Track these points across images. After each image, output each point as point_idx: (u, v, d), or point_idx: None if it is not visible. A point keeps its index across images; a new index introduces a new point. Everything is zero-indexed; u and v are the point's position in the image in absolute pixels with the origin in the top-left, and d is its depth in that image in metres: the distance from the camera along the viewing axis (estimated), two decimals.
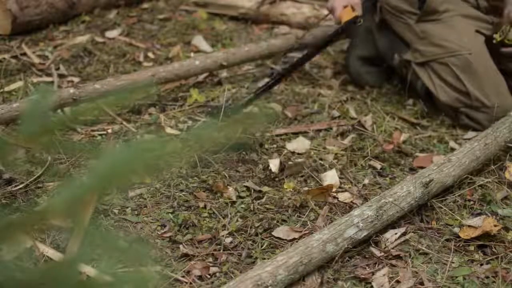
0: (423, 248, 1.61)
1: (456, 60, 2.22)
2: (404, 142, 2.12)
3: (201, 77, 2.46)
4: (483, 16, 2.31)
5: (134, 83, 2.17)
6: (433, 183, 1.70)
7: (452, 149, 2.06)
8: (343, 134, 2.12)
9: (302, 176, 1.89)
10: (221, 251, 1.60)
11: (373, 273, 1.53)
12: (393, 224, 1.67)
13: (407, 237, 1.65)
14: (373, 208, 1.59)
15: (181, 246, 1.61)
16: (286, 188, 1.83)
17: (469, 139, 2.11)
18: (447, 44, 2.25)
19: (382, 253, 1.59)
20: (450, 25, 2.28)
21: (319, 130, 2.15)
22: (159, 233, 1.65)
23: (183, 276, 1.50)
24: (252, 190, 1.82)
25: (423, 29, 2.31)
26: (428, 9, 2.31)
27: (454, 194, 1.82)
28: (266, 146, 2.04)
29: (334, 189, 1.81)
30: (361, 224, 1.54)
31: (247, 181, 1.86)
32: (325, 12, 2.97)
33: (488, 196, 1.80)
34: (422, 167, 1.95)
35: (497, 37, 2.17)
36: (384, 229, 1.66)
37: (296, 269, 1.40)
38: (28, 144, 0.76)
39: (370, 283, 1.50)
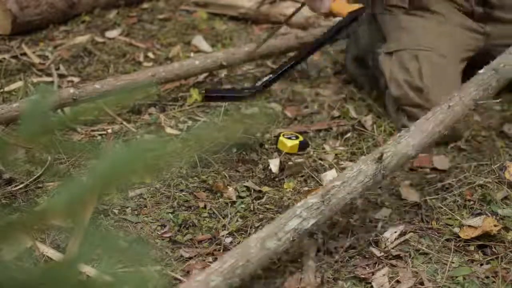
0: (423, 248, 1.61)
1: (427, 55, 2.11)
2: None
3: (201, 77, 2.46)
4: (475, 27, 2.20)
5: (134, 83, 2.17)
6: (389, 156, 1.58)
7: (453, 149, 2.06)
8: (343, 134, 2.12)
9: (302, 176, 1.89)
10: (221, 251, 1.60)
11: (373, 273, 1.53)
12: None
13: (407, 237, 1.65)
14: (318, 194, 1.49)
15: (181, 246, 1.61)
16: (286, 188, 1.83)
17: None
18: (425, 40, 2.16)
19: (382, 253, 1.59)
20: (434, 25, 2.19)
21: (319, 130, 2.15)
22: (159, 233, 1.65)
23: (183, 276, 1.50)
24: (252, 190, 1.82)
25: (407, 20, 2.22)
26: (418, 4, 2.23)
27: (454, 194, 1.82)
28: (266, 146, 2.04)
29: None
30: (304, 213, 1.44)
31: (247, 181, 1.86)
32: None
33: (488, 196, 1.80)
34: (422, 167, 1.95)
35: None
36: (384, 230, 1.66)
37: (233, 272, 1.31)
38: (28, 144, 0.75)
39: (370, 283, 1.50)
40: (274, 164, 1.91)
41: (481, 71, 1.86)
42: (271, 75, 1.84)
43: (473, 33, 2.19)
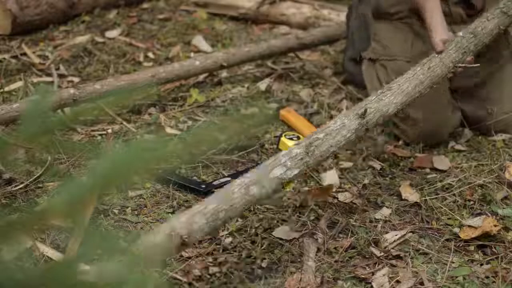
0: (423, 248, 1.61)
1: (394, 65, 2.09)
2: None
3: (201, 77, 2.46)
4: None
5: (134, 84, 2.17)
6: (371, 112, 1.60)
7: (453, 149, 2.06)
8: None
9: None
10: (221, 251, 1.60)
11: (373, 273, 1.53)
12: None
13: (407, 237, 1.65)
14: (302, 145, 1.50)
15: None
16: (286, 188, 1.83)
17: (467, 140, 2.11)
18: (390, 47, 2.14)
19: (382, 253, 1.59)
20: (399, 29, 2.14)
21: None
22: None
23: (183, 276, 1.50)
24: None
25: (376, 27, 2.21)
26: (380, 9, 2.19)
27: (454, 194, 1.82)
28: (266, 146, 2.04)
29: (334, 189, 1.81)
30: (289, 163, 1.45)
31: None
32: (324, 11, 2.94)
33: (488, 196, 1.80)
34: (422, 167, 1.95)
35: None
36: (384, 230, 1.66)
37: (216, 215, 1.31)
38: (28, 144, 0.75)
39: (370, 283, 1.50)
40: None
41: (459, 33, 1.85)
42: (229, 179, 1.86)
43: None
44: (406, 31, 2.13)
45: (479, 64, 1.83)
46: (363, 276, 1.51)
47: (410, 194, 1.80)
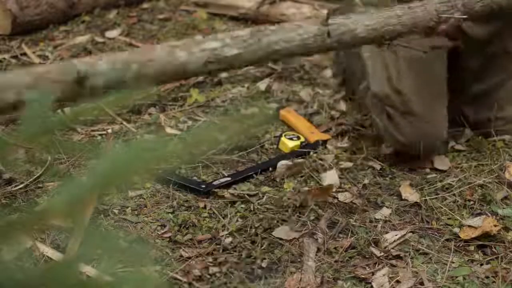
0: (423, 248, 1.61)
1: (406, 53, 1.92)
2: None
3: (201, 77, 2.45)
4: None
5: None
6: (336, 24, 1.46)
7: (453, 149, 2.05)
8: (342, 134, 2.12)
9: (302, 176, 1.89)
10: (221, 251, 1.60)
11: (373, 273, 1.53)
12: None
13: (407, 237, 1.65)
14: (250, 30, 1.41)
15: (181, 246, 1.61)
16: (286, 188, 1.83)
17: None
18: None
19: (382, 253, 1.59)
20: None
21: None
22: (159, 233, 1.65)
23: (182, 276, 1.50)
24: (252, 190, 1.82)
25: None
26: None
27: (454, 194, 1.82)
28: (266, 146, 2.04)
29: (334, 189, 1.81)
30: (229, 41, 1.36)
31: (247, 181, 1.86)
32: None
33: (488, 196, 1.80)
34: (422, 167, 1.95)
35: None
36: (384, 230, 1.66)
37: (127, 65, 1.21)
38: (28, 144, 0.76)
39: (370, 283, 1.50)
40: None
41: None
42: (229, 178, 1.85)
43: None
44: None
45: (466, 16, 1.69)
46: (363, 276, 1.51)
47: (410, 194, 1.80)
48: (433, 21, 1.64)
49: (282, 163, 1.89)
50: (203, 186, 1.80)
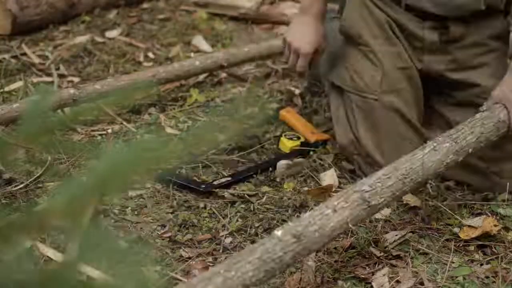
0: (423, 248, 1.61)
1: (360, 102, 1.85)
2: None
3: (201, 77, 2.46)
4: (413, 57, 1.86)
5: (134, 83, 2.17)
6: None
7: None
8: None
9: (302, 176, 1.89)
10: (221, 251, 1.60)
11: (373, 273, 1.53)
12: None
13: (407, 237, 1.65)
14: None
15: (181, 246, 1.61)
16: (286, 188, 1.83)
17: None
18: (357, 79, 1.87)
19: (382, 253, 1.59)
20: (368, 56, 1.87)
21: None
22: (159, 233, 1.65)
23: (183, 276, 1.50)
24: (252, 190, 1.82)
25: (346, 49, 1.95)
26: (343, 29, 1.95)
27: (454, 194, 1.82)
28: (266, 146, 2.05)
29: (333, 189, 1.81)
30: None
31: (247, 181, 1.86)
32: None
33: (489, 195, 1.79)
34: None
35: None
36: (384, 230, 1.66)
37: None
38: (28, 144, 0.75)
39: (370, 283, 1.50)
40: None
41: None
42: (229, 178, 1.85)
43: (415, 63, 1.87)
44: (376, 59, 1.86)
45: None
46: (363, 276, 1.51)
47: (410, 198, 1.80)
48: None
49: (282, 163, 1.89)
50: (203, 186, 1.80)
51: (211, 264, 1.54)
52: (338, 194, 1.37)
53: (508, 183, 1.77)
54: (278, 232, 1.23)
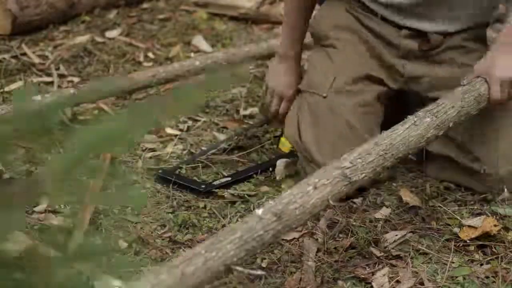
0: (423, 248, 1.61)
1: (309, 97, 1.85)
2: None
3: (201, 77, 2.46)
4: (393, 62, 1.84)
5: (135, 84, 2.17)
6: None
7: None
8: None
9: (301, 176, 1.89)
10: None
11: (373, 273, 1.53)
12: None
13: (407, 237, 1.65)
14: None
15: (181, 246, 1.61)
16: (285, 188, 1.83)
17: None
18: (311, 76, 1.89)
19: (382, 253, 1.59)
20: (329, 56, 1.88)
21: None
22: (159, 233, 1.65)
23: None
24: (252, 190, 1.82)
25: (312, 51, 2.02)
26: (311, 30, 1.97)
27: (454, 194, 1.82)
28: (266, 146, 2.04)
29: None
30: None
31: (247, 181, 1.86)
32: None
33: (488, 196, 1.79)
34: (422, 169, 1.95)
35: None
36: (384, 230, 1.66)
37: None
38: (28, 144, 0.76)
39: (370, 283, 1.50)
40: (278, 165, 1.91)
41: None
42: (229, 178, 1.85)
43: (387, 70, 1.86)
44: (338, 59, 1.86)
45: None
46: (363, 276, 1.51)
47: (410, 198, 1.79)
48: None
49: (281, 162, 1.90)
50: (203, 186, 1.80)
51: None
52: (318, 171, 1.36)
53: (505, 184, 1.77)
54: (258, 211, 1.22)
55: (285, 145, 2.00)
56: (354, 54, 1.86)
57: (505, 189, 1.77)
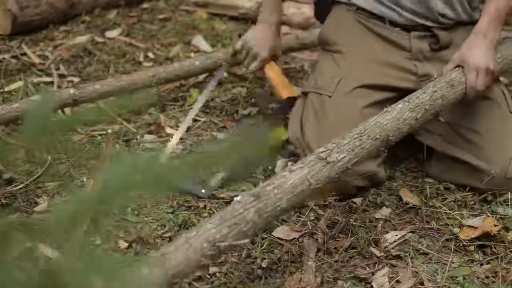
0: (423, 248, 1.61)
1: (315, 98, 1.87)
2: None
3: (201, 77, 2.46)
4: (404, 64, 1.89)
5: (134, 84, 2.17)
6: None
7: None
8: None
9: None
10: None
11: (373, 273, 1.53)
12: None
13: (407, 237, 1.65)
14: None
15: None
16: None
17: None
18: (318, 78, 1.91)
19: (382, 253, 1.59)
20: (335, 61, 1.92)
21: None
22: (159, 233, 1.65)
23: None
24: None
25: (320, 56, 2.05)
26: (322, 36, 2.02)
27: (454, 194, 1.82)
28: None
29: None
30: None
31: (247, 180, 1.87)
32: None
33: (488, 196, 1.80)
34: (422, 169, 1.95)
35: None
36: (384, 230, 1.66)
37: None
38: (28, 144, 0.76)
39: (370, 283, 1.50)
40: (279, 165, 1.91)
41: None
42: (223, 174, 1.84)
43: (401, 72, 1.89)
44: (345, 64, 1.90)
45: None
46: (363, 276, 1.51)
47: (410, 198, 1.80)
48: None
49: (281, 161, 1.90)
50: (203, 191, 1.80)
51: (211, 264, 1.54)
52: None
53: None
54: (237, 198, 1.26)
55: (281, 136, 1.99)
56: (361, 61, 1.88)
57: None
